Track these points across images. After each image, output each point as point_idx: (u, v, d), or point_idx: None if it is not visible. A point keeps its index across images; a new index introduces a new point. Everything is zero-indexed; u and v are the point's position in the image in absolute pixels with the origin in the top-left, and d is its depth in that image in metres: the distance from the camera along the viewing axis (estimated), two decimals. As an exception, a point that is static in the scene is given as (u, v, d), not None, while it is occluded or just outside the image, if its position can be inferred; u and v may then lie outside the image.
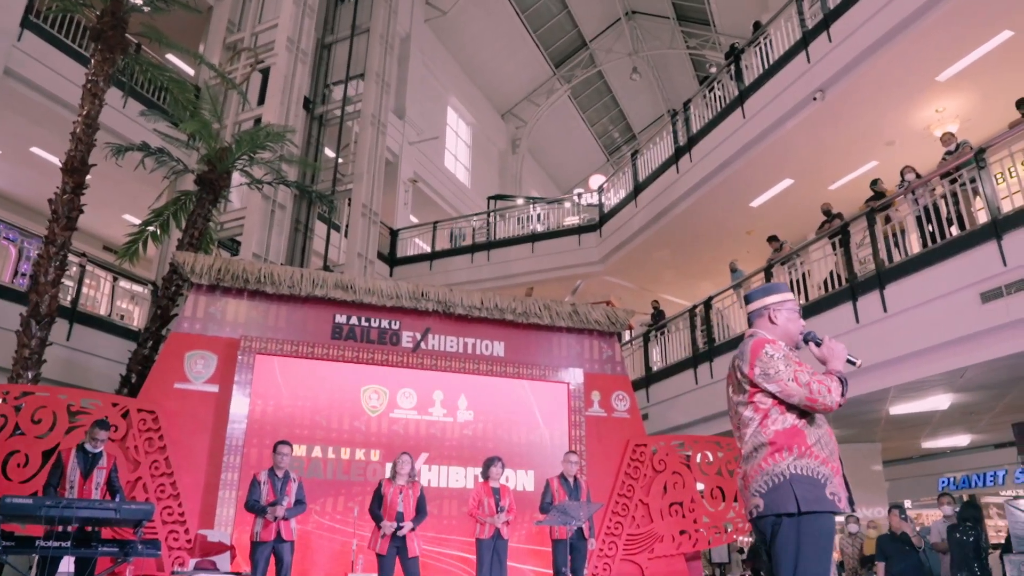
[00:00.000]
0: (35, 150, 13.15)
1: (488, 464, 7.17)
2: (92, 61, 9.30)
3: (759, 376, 2.79)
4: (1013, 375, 9.18)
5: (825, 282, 10.49)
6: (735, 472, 8.94)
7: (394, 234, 18.96)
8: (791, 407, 2.76)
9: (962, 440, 14.69)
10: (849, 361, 2.84)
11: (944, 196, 8.95)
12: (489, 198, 21.53)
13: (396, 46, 17.52)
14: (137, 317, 12.02)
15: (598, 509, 7.34)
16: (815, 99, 10.83)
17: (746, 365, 2.84)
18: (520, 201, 20.84)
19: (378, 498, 6.73)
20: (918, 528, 9.52)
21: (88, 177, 9.17)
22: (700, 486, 8.99)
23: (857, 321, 9.49)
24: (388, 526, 6.57)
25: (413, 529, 6.67)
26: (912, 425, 12.52)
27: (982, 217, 8.38)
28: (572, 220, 18.23)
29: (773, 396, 2.78)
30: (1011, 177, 8.48)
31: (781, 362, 2.77)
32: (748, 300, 3.16)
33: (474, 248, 18.40)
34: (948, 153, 9.61)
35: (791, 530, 2.61)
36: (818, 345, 2.89)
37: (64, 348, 9.97)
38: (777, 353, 2.79)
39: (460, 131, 24.87)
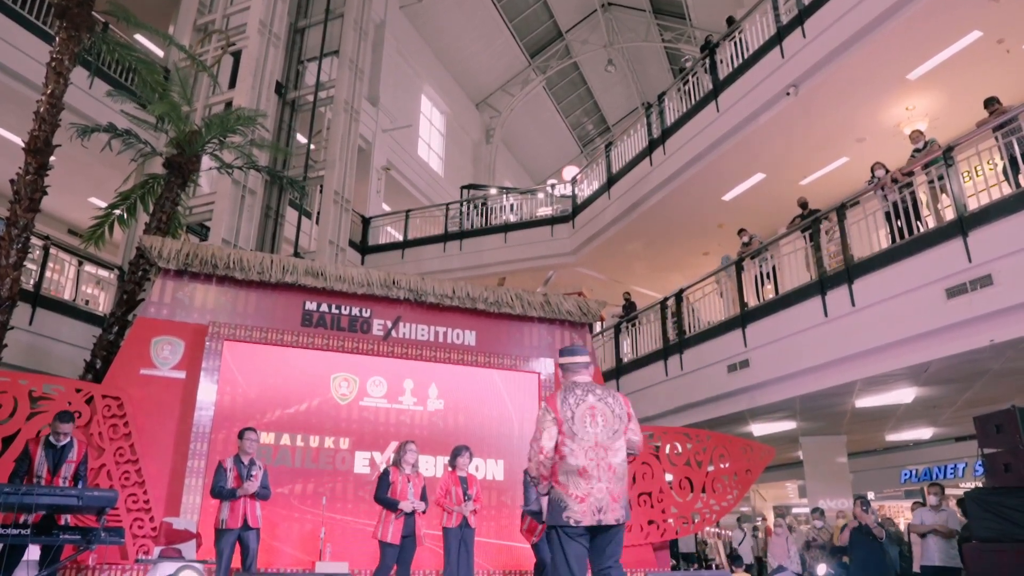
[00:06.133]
0: (-3, 129, 12.81)
1: (456, 453, 7.15)
2: (57, 39, 9.06)
3: (632, 419, 3.99)
4: (976, 369, 9.37)
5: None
6: (703, 463, 9.03)
7: (366, 222, 18.82)
8: None
9: (924, 433, 14.98)
10: None
11: (913, 192, 9.10)
12: (462, 187, 21.44)
13: (371, 32, 17.33)
14: (103, 302, 11.79)
15: None
16: (788, 94, 10.92)
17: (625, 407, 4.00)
18: (493, 191, 20.78)
19: (385, 485, 6.65)
20: (879, 520, 9.68)
21: (52, 158, 8.97)
22: (668, 477, 9.06)
23: (826, 315, 9.61)
24: (407, 504, 6.54)
25: (424, 512, 6.71)
26: (877, 418, 12.73)
27: (949, 214, 8.53)
28: (545, 211, 18.23)
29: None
30: (978, 176, 8.63)
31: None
32: (576, 354, 4.10)
33: (446, 237, 18.32)
34: (916, 151, 9.75)
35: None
36: None
37: (26, 333, 9.77)
38: None
39: (434, 120, 24.72)
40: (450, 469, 7.16)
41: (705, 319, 12.45)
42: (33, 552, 5.65)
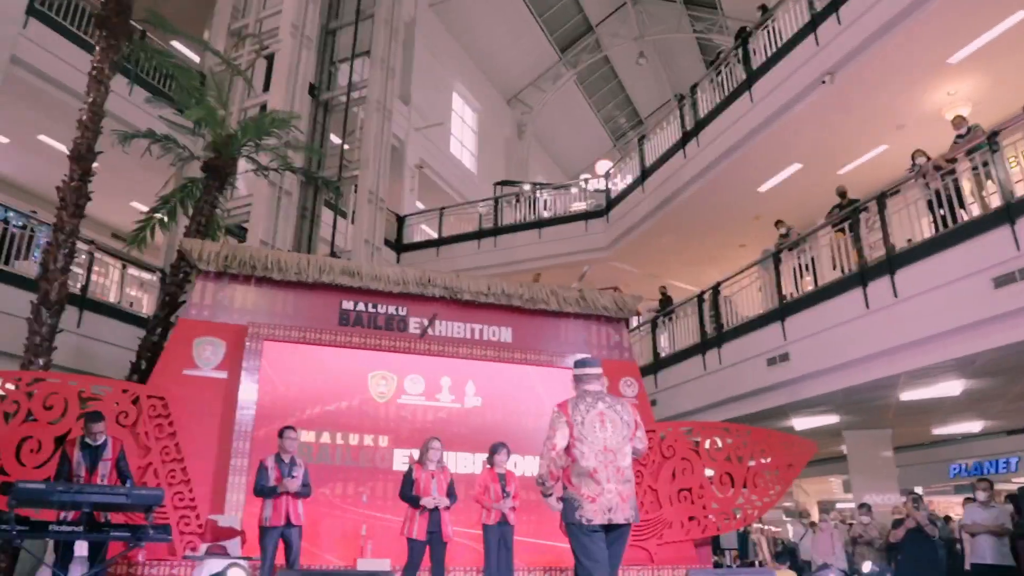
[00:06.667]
0: (42, 138, 13.15)
1: (493, 451, 7.18)
2: (97, 48, 9.26)
3: (639, 427, 4.28)
4: (1026, 361, 9.12)
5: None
6: (743, 458, 8.92)
7: (401, 220, 18.95)
8: None
9: (974, 426, 14.62)
10: None
11: (956, 179, 8.88)
12: (496, 184, 21.46)
13: (401, 31, 17.40)
14: (146, 304, 12.06)
15: None
16: (824, 82, 10.72)
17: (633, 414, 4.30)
18: (527, 187, 20.77)
19: (409, 482, 6.73)
20: (931, 516, 9.42)
21: (95, 165, 9.16)
22: (709, 472, 8.98)
23: (867, 307, 9.43)
24: (429, 500, 6.59)
25: (448, 508, 6.73)
26: (923, 411, 12.46)
27: (995, 201, 8.30)
28: (579, 206, 18.16)
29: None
30: (1024, 160, 8.40)
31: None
32: (588, 365, 4.42)
33: (481, 234, 18.37)
34: (959, 137, 9.52)
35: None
36: None
37: (74, 335, 10.02)
38: None
39: (466, 117, 24.77)
40: (488, 466, 7.18)
41: (743, 313, 12.31)
42: (82, 548, 5.81)
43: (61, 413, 6.89)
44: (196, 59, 15.01)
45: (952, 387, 10.47)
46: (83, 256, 10.60)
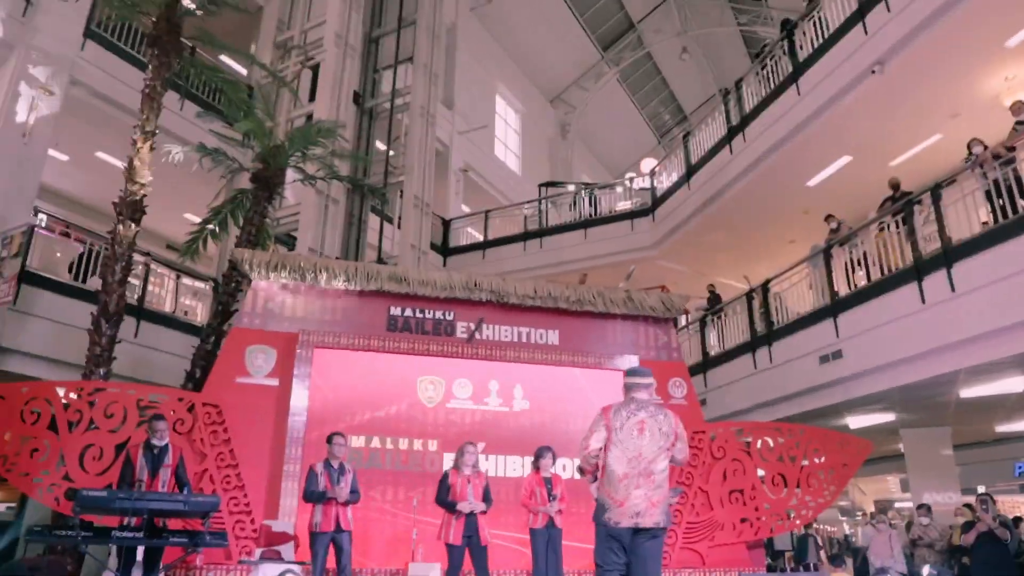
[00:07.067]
0: (100, 155, 13.61)
1: (538, 455, 7.19)
2: (149, 66, 9.55)
3: (679, 437, 4.35)
4: (1093, 354, 8.74)
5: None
6: (796, 458, 8.75)
7: (446, 224, 19.08)
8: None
9: (1039, 423, 14.09)
10: None
11: (1015, 168, 8.56)
12: (540, 185, 21.46)
13: (442, 36, 17.55)
14: (200, 312, 12.38)
15: (678, 496, 7.31)
16: (874, 72, 10.45)
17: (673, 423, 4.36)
18: (571, 187, 20.71)
19: (445, 488, 6.81)
20: (998, 517, 9.04)
21: (149, 178, 9.45)
22: (761, 473, 8.83)
23: (923, 302, 9.16)
24: (465, 505, 6.66)
25: (484, 512, 6.78)
26: (985, 408, 12.05)
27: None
28: (624, 205, 18.05)
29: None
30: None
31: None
32: (637, 375, 4.51)
33: (527, 236, 18.38)
34: (1020, 123, 9.18)
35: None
36: None
37: (132, 345, 10.33)
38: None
39: (509, 119, 24.83)
40: (534, 470, 7.20)
41: (794, 309, 12.07)
42: (139, 554, 5.99)
43: (121, 421, 7.13)
44: (243, 72, 15.37)
45: (1015, 383, 10.10)
46: (139, 268, 10.93)
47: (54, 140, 11.72)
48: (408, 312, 8.74)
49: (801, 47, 12.22)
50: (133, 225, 9.08)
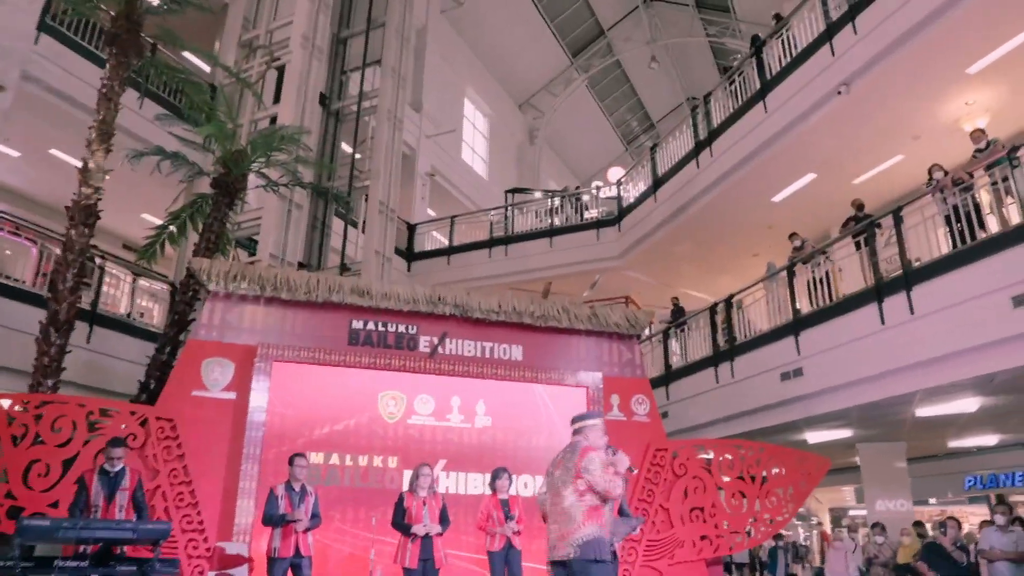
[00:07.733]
0: (54, 152, 13.18)
1: (495, 476, 7.12)
2: (107, 65, 9.24)
3: (583, 470, 4.30)
4: (1046, 379, 8.95)
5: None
6: (756, 476, 8.80)
7: (412, 228, 18.89)
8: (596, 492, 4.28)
9: (990, 440, 14.43)
10: (629, 469, 4.50)
11: (974, 195, 8.72)
12: (507, 191, 21.38)
13: (412, 38, 17.36)
14: (156, 315, 12.05)
15: (640, 524, 7.21)
16: (840, 93, 10.59)
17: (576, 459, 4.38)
18: (538, 195, 20.66)
19: (400, 511, 6.71)
20: (958, 541, 9.09)
21: (105, 179, 9.15)
22: (720, 491, 8.86)
23: (883, 323, 9.29)
24: (420, 528, 6.56)
25: (441, 533, 6.70)
26: (938, 426, 12.30)
27: (1015, 217, 8.15)
28: (591, 214, 18.05)
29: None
30: (1045, 176, 8.22)
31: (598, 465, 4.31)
32: (575, 421, 4.75)
33: (492, 243, 18.27)
34: (979, 151, 9.35)
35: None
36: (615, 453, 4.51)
37: (85, 351, 10.01)
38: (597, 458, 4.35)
39: (477, 123, 24.71)
40: (491, 492, 7.12)
41: (757, 324, 12.17)
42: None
43: (69, 436, 6.87)
44: (207, 69, 15.01)
45: (969, 404, 10.32)
46: (93, 270, 10.59)
47: (5, 136, 11.31)
48: (370, 325, 8.59)
49: (769, 61, 12.32)
50: (86, 230, 8.76)
